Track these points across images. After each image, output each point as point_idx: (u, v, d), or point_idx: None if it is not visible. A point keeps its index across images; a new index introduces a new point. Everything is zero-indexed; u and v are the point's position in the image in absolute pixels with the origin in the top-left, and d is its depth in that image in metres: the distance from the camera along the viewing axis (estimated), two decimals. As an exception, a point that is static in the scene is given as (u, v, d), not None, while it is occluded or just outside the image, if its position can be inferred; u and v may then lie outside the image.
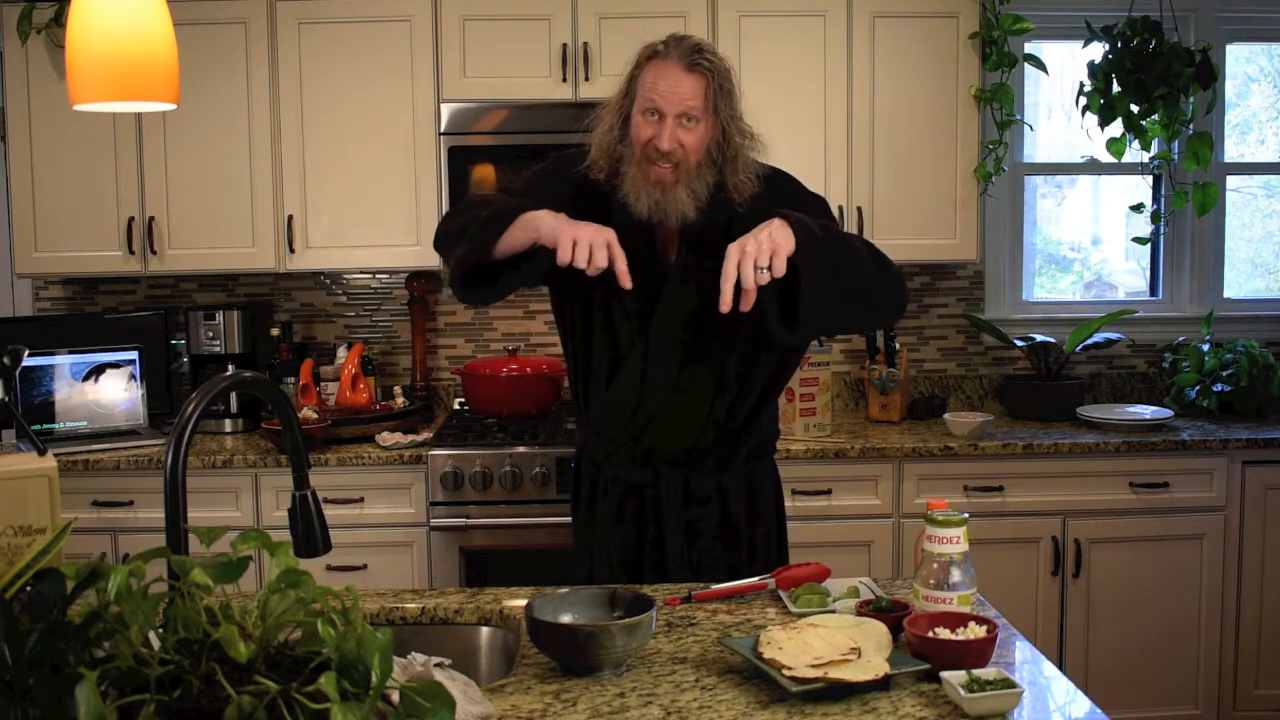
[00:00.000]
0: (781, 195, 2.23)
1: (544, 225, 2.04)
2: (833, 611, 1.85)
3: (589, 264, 1.99)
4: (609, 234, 2.02)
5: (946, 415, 3.62)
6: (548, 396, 3.69)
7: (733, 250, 1.96)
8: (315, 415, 3.46)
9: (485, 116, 3.58)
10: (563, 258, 1.99)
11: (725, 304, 1.95)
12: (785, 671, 1.54)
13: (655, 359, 2.23)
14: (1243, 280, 4.33)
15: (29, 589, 1.14)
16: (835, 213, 3.66)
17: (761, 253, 1.94)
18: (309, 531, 1.67)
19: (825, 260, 2.02)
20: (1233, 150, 4.27)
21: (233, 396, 3.72)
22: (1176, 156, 3.94)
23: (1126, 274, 4.37)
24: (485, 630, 1.96)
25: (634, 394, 2.25)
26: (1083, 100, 3.80)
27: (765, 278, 1.95)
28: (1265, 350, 3.85)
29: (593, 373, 2.31)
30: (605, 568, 2.37)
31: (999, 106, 3.71)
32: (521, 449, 3.34)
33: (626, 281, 2.03)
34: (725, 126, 2.15)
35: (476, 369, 3.72)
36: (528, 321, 4.08)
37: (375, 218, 3.67)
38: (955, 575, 1.75)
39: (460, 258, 2.12)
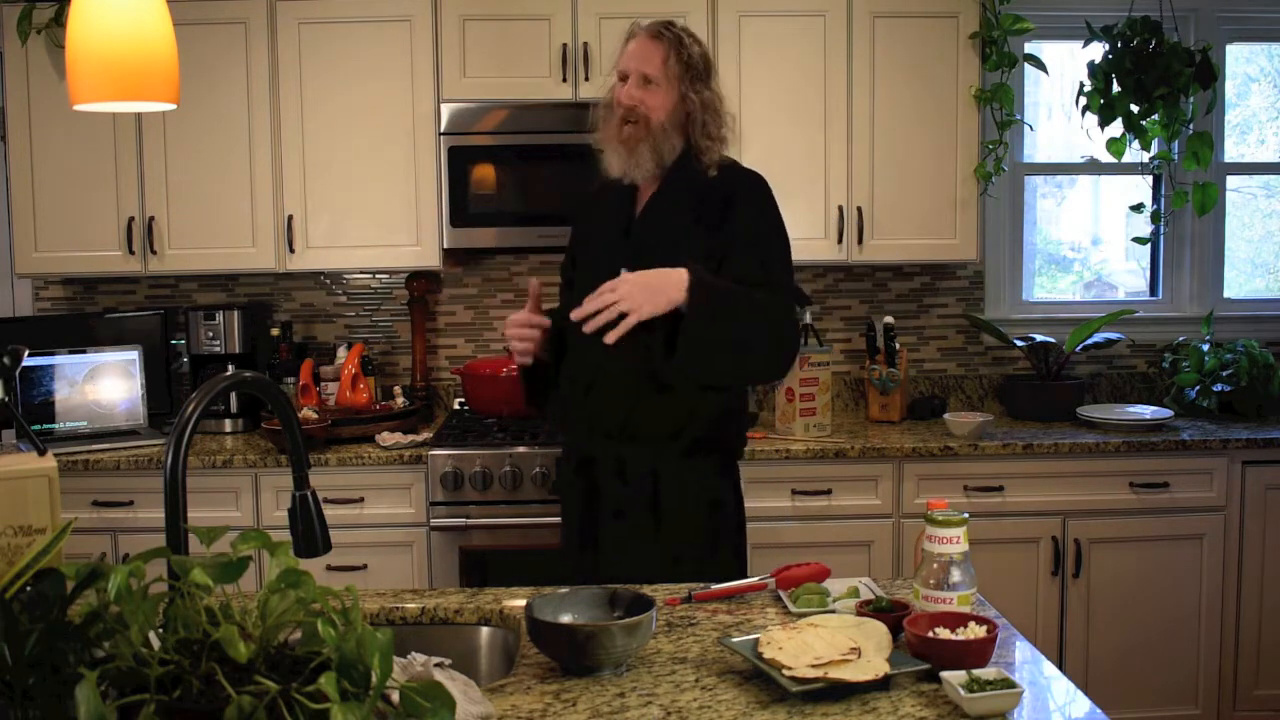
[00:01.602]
0: (747, 194, 2.39)
1: None
2: (833, 611, 1.85)
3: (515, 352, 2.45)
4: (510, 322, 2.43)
5: (946, 415, 3.62)
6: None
7: (610, 287, 2.19)
8: (315, 415, 3.46)
9: (485, 116, 3.58)
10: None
11: (580, 314, 2.21)
12: (785, 671, 1.54)
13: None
14: (1243, 280, 4.33)
15: (29, 589, 1.14)
16: (835, 213, 3.67)
17: (617, 309, 2.17)
18: (309, 531, 1.66)
19: (708, 332, 2.23)
20: (1233, 150, 4.27)
21: (233, 396, 3.72)
22: (1176, 156, 3.94)
23: (1126, 274, 4.37)
24: (485, 630, 1.96)
25: (580, 356, 2.39)
26: (1083, 100, 3.80)
27: (615, 317, 2.18)
28: (1265, 350, 3.85)
29: (565, 342, 2.46)
30: (566, 541, 2.50)
31: (999, 106, 3.71)
32: (521, 449, 3.34)
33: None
34: (686, 94, 2.35)
35: (476, 369, 3.72)
36: (528, 321, 4.07)
37: (375, 218, 3.67)
38: (955, 575, 1.75)
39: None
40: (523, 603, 1.94)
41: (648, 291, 2.19)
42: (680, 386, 2.33)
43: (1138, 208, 3.95)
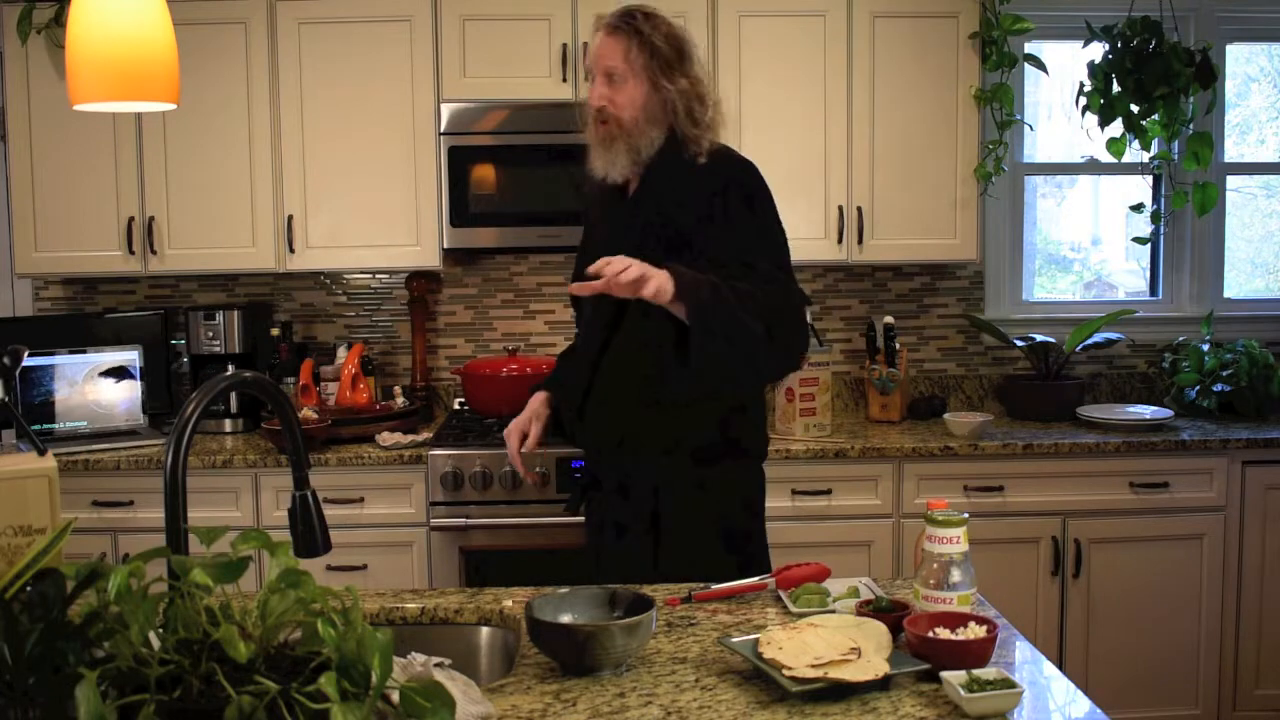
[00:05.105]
0: (738, 187, 2.25)
1: None
2: (833, 611, 1.85)
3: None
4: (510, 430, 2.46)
5: (946, 415, 3.62)
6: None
7: (624, 261, 2.05)
8: (315, 415, 3.46)
9: (485, 116, 3.58)
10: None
11: (599, 269, 2.05)
12: (785, 671, 1.54)
13: (593, 330, 2.29)
14: (1243, 280, 4.33)
15: (29, 589, 1.14)
16: (835, 213, 3.67)
17: (636, 275, 2.02)
18: (309, 531, 1.67)
19: (715, 328, 2.09)
20: (1233, 150, 4.27)
21: (233, 396, 3.72)
22: (1176, 156, 3.94)
23: (1126, 274, 4.37)
24: (485, 630, 1.96)
25: (585, 367, 2.33)
26: (1083, 100, 3.80)
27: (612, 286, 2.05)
28: (1265, 350, 3.85)
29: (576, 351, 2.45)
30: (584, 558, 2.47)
31: (999, 106, 3.71)
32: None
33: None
34: (657, 83, 2.23)
35: (476, 369, 3.72)
36: (528, 321, 4.08)
37: (375, 218, 3.67)
38: (955, 575, 1.75)
39: None
40: (523, 603, 1.94)
41: (658, 274, 2.04)
42: (679, 397, 2.24)
43: (1138, 208, 3.95)
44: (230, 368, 3.78)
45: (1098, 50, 3.79)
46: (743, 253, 2.20)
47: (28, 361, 3.44)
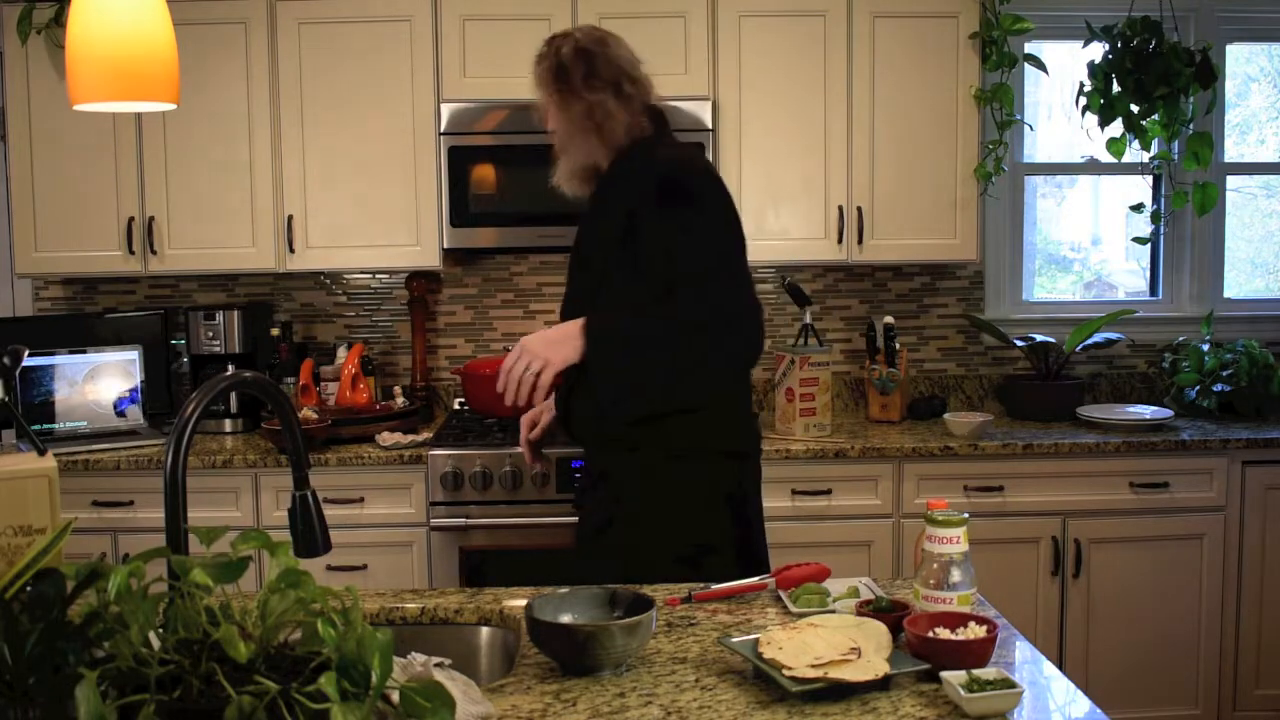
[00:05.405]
0: (666, 185, 2.24)
1: None
2: (833, 611, 1.85)
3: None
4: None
5: (946, 415, 3.62)
6: (548, 396, 3.69)
7: (513, 355, 2.20)
8: (315, 415, 3.46)
9: (485, 116, 3.58)
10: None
11: (500, 390, 2.22)
12: (785, 671, 1.54)
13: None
14: (1243, 280, 4.34)
15: (29, 589, 1.14)
16: (835, 213, 3.67)
17: (531, 370, 2.17)
18: (309, 531, 1.67)
19: (617, 369, 2.21)
20: (1233, 150, 4.27)
21: (233, 396, 3.72)
22: (1176, 156, 3.94)
23: (1126, 274, 4.37)
24: (485, 630, 1.96)
25: (571, 370, 2.34)
26: (1083, 100, 3.80)
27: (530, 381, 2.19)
28: (1265, 350, 3.85)
29: None
30: None
31: (999, 106, 3.71)
32: (521, 449, 3.33)
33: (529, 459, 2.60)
34: (564, 101, 2.33)
35: (476, 369, 3.72)
36: (528, 321, 4.08)
37: (375, 218, 3.67)
38: (955, 575, 1.75)
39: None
40: (523, 603, 1.94)
41: (550, 344, 2.18)
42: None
43: (1138, 208, 3.95)
44: (230, 368, 3.78)
45: (1098, 50, 3.79)
46: (676, 256, 2.18)
47: (28, 361, 3.44)
